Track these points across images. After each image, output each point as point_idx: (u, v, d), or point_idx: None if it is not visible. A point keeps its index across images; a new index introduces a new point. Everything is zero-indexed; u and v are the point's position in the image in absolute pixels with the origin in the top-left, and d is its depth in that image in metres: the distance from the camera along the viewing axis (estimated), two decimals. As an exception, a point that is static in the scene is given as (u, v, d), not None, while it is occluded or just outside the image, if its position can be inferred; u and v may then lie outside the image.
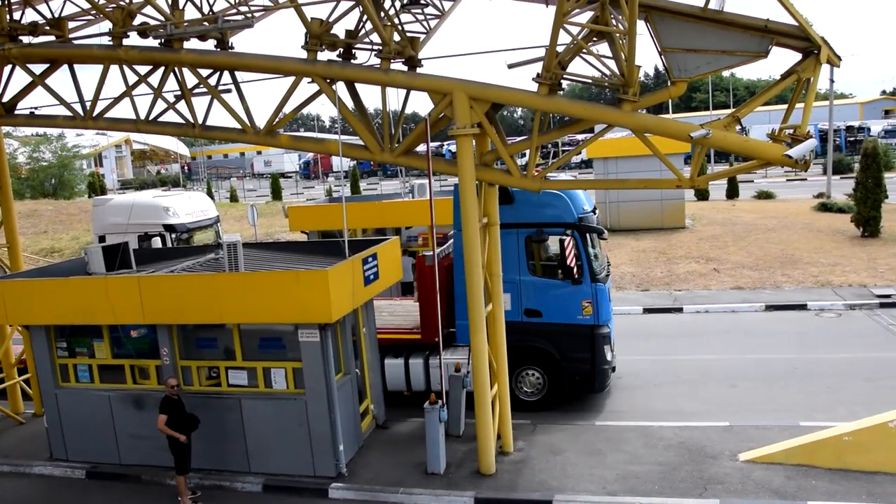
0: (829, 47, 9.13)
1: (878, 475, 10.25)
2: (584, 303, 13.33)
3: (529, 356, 13.61)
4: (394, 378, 13.97)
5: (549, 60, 9.50)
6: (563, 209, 13.31)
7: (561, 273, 13.42)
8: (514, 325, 13.16)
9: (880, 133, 70.59)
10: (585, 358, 13.40)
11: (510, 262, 13.11)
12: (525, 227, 13.23)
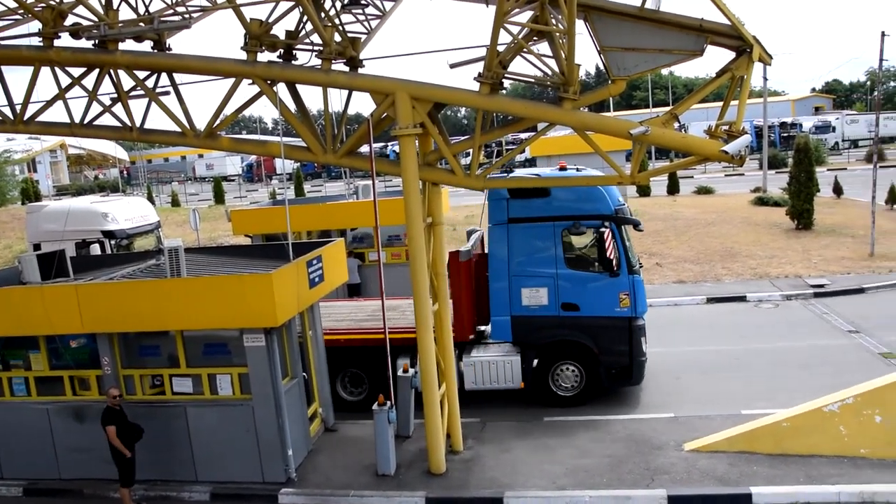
0: (761, 46, 9.39)
1: (815, 458, 10.60)
2: (622, 295, 13.24)
3: (566, 351, 13.53)
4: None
5: (490, 60, 9.56)
6: (600, 201, 13.27)
7: (598, 265, 13.34)
8: (551, 320, 13.33)
9: (811, 129, 72.88)
10: (623, 351, 13.34)
11: (546, 256, 13.25)
12: (561, 220, 13.22)
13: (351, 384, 14.36)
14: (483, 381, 13.52)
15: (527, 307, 13.39)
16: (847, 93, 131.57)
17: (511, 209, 13.39)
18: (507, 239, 13.39)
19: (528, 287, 13.35)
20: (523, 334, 13.50)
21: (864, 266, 22.51)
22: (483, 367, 13.47)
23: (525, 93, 79.92)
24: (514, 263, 13.40)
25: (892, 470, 10.23)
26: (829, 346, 15.78)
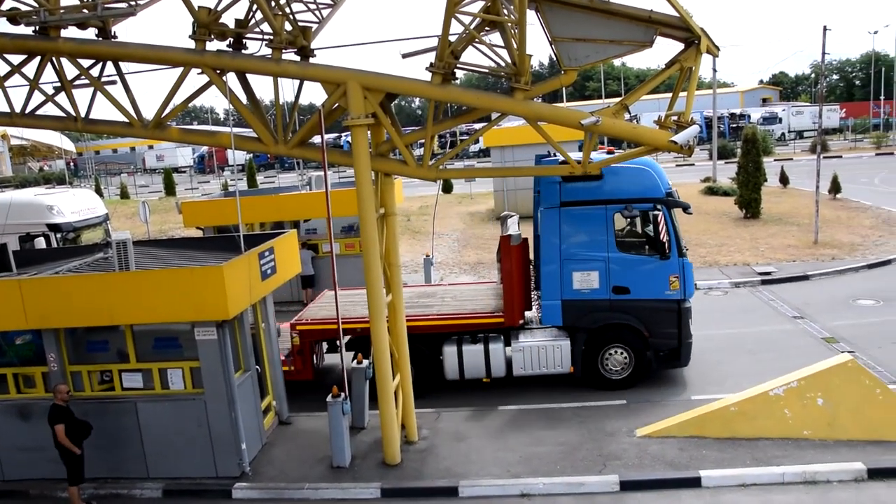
0: (709, 38, 9.55)
1: (761, 441, 10.90)
2: (672, 278, 13.34)
3: (616, 334, 13.56)
4: (472, 365, 13.59)
5: (442, 50, 9.55)
6: (651, 184, 13.32)
7: (649, 248, 13.51)
8: (602, 303, 13.38)
9: (759, 120, 74.44)
10: (672, 333, 13.45)
11: (598, 240, 13.23)
12: (613, 203, 13.19)
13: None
14: (532, 366, 13.49)
15: (578, 291, 13.40)
16: (793, 85, 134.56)
17: (563, 192, 13.29)
18: (559, 222, 13.35)
19: (579, 270, 13.36)
20: (574, 318, 13.51)
21: (809, 254, 23.11)
22: (533, 352, 13.44)
23: (479, 83, 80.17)
24: (565, 247, 13.37)
25: (832, 450, 10.57)
26: (776, 332, 16.18)
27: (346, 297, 15.14)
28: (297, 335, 13.95)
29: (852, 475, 10.06)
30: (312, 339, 14.15)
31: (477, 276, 23.03)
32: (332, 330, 13.55)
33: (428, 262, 21.36)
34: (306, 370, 14.13)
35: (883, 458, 10.30)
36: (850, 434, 10.83)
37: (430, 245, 23.46)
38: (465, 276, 23.18)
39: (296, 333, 13.96)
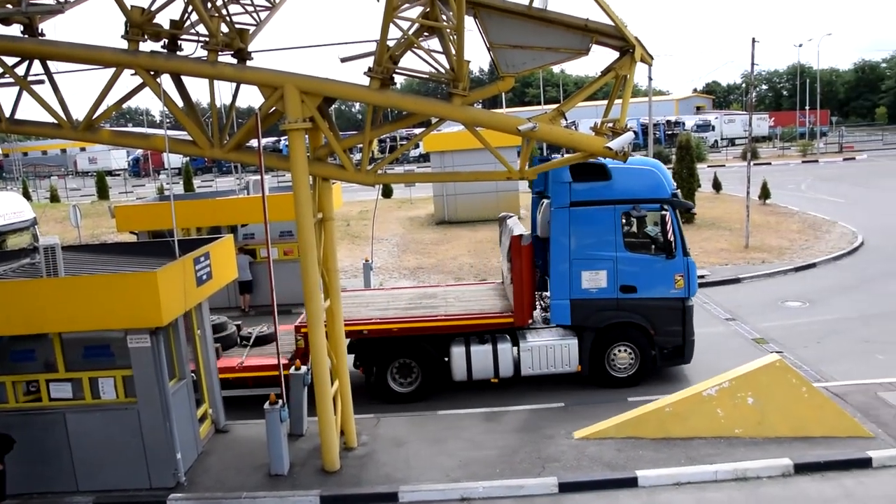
0: (643, 47, 9.77)
1: (695, 440, 11.16)
2: (677, 276, 13.64)
3: (622, 333, 13.76)
4: (481, 366, 13.59)
5: (381, 55, 9.53)
6: (658, 184, 13.62)
7: (655, 248, 13.76)
8: (610, 302, 13.60)
9: (693, 127, 76.45)
10: (677, 331, 13.76)
11: (606, 239, 13.45)
12: (621, 204, 13.41)
13: (400, 375, 14.03)
14: (540, 366, 13.64)
15: (586, 290, 13.59)
16: (725, 94, 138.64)
17: (573, 193, 13.46)
18: (569, 222, 13.48)
19: (588, 270, 13.55)
20: (582, 317, 13.66)
21: (740, 257, 23.80)
22: (541, 352, 13.58)
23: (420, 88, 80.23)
24: (574, 247, 13.53)
25: (761, 447, 10.91)
26: (709, 334, 16.57)
27: (349, 299, 15.13)
28: (302, 338, 13.52)
29: (780, 471, 10.41)
30: None
31: (417, 282, 23.02)
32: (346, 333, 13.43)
33: (367, 267, 21.26)
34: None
35: (808, 453, 10.69)
36: (778, 431, 11.19)
37: (369, 250, 23.35)
38: (406, 281, 23.14)
39: (301, 336, 13.55)
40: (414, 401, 13.74)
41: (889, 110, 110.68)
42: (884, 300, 18.99)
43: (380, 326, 13.64)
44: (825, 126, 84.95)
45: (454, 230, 31.40)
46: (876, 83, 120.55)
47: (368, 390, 14.10)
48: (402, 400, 13.81)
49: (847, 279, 21.47)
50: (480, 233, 30.33)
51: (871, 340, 15.95)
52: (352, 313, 13.98)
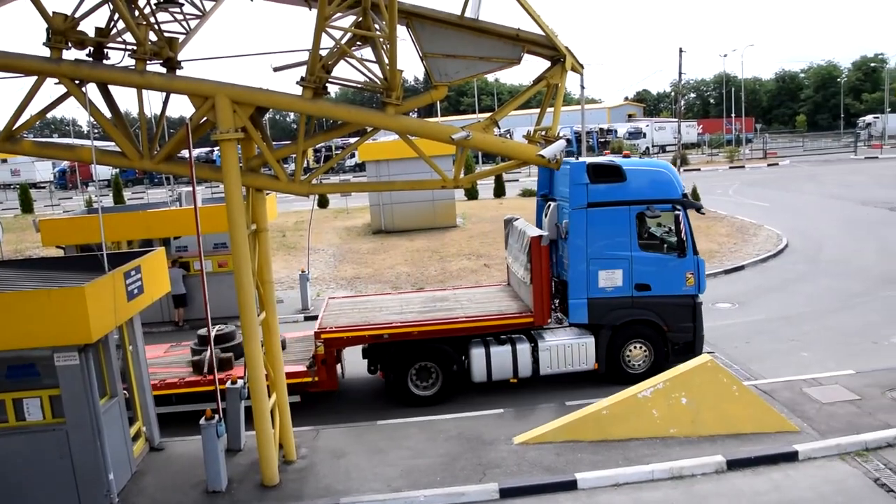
0: (573, 56, 9.95)
1: (632, 441, 11.38)
2: (688, 274, 14.12)
3: (637, 330, 14.15)
4: (500, 366, 13.76)
5: (313, 64, 9.48)
6: (670, 186, 14.13)
7: (668, 247, 14.22)
8: (625, 300, 14.01)
9: (625, 135, 78.20)
10: (689, 327, 14.21)
11: (622, 239, 13.86)
12: (635, 204, 13.85)
13: (418, 378, 14.02)
14: (559, 364, 13.89)
15: (603, 289, 13.98)
16: (656, 102, 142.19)
17: (591, 194, 13.81)
18: (587, 223, 13.83)
19: (605, 269, 13.93)
20: (598, 316, 14.03)
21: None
22: (559, 351, 13.86)
23: (355, 97, 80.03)
24: (592, 247, 13.90)
25: (696, 445, 11.19)
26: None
27: (359, 304, 15.45)
28: (322, 344, 13.53)
29: (714, 468, 10.69)
30: (339, 347, 13.98)
31: (354, 292, 22.90)
32: (359, 338, 13.72)
33: (304, 278, 21.11)
34: (331, 380, 13.71)
35: (740, 449, 11.01)
36: (711, 429, 11.49)
37: (305, 261, 23.14)
38: (342, 291, 22.99)
39: (321, 342, 13.54)
40: (434, 403, 13.80)
41: (808, 118, 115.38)
42: (806, 300, 19.74)
43: (401, 330, 13.72)
44: (750, 133, 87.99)
45: (391, 240, 31.36)
46: (796, 92, 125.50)
47: (388, 394, 14.23)
48: (423, 403, 13.85)
49: (773, 280, 22.23)
50: (417, 242, 30.36)
51: (795, 339, 16.54)
52: (367, 318, 14.20)
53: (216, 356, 13.16)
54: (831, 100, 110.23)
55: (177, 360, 14.47)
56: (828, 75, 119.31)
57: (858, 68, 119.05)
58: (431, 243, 29.94)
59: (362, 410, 13.61)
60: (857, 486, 10.19)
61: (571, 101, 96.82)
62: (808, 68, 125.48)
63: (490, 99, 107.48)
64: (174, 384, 13.39)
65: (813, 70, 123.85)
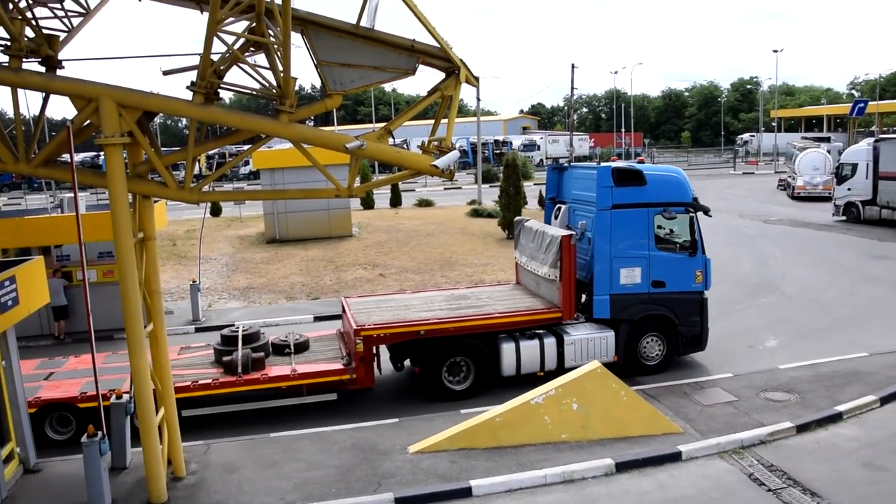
0: (468, 68, 10.07)
1: (525, 447, 11.60)
2: (697, 272, 15.22)
3: (653, 324, 15.09)
4: (529, 360, 14.33)
5: (204, 69, 9.24)
6: (684, 190, 15.28)
7: (680, 247, 15.19)
8: (643, 296, 14.97)
9: (520, 147, 79.80)
10: (697, 321, 15.34)
11: (641, 239, 14.80)
12: (654, 206, 14.85)
13: (450, 373, 14.30)
14: (582, 357, 14.40)
15: (623, 286, 14.88)
16: (550, 115, 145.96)
17: (615, 196, 14.72)
18: (611, 224, 14.71)
19: (626, 267, 14.83)
20: (619, 311, 14.89)
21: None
22: (583, 344, 14.55)
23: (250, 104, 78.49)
24: (615, 246, 14.78)
25: (586, 450, 11.51)
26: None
27: (382, 303, 15.72)
28: (361, 341, 13.57)
29: (603, 470, 11.02)
30: (376, 344, 14.09)
31: (247, 302, 22.40)
32: (398, 334, 14.00)
33: (195, 288, 20.49)
34: (368, 377, 13.85)
35: (628, 452, 11.40)
36: (601, 434, 11.85)
37: (197, 270, 22.47)
38: (235, 302, 22.45)
39: (360, 339, 13.59)
40: (467, 397, 14.09)
41: (692, 134, 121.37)
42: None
43: (439, 326, 14.06)
44: (639, 147, 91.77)
45: (286, 249, 30.86)
46: (681, 109, 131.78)
47: (420, 391, 14.49)
48: (457, 397, 14.11)
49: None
50: (312, 251, 29.99)
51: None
52: (399, 316, 14.54)
53: (249, 356, 13.43)
54: (713, 118, 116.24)
55: (199, 362, 14.25)
56: (710, 95, 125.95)
57: (736, 89, 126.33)
58: (327, 253, 29.64)
59: (255, 424, 13.25)
60: (734, 482, 10.76)
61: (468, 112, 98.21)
62: (692, 87, 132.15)
63: (387, 109, 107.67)
64: (209, 385, 13.13)
65: (696, 89, 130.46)
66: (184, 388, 12.74)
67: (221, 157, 62.00)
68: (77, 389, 12.94)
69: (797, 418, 12.56)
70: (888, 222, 33.09)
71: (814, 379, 14.48)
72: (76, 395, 12.81)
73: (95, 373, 10.34)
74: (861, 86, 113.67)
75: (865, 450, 11.64)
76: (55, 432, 12.94)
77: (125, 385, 12.47)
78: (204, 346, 15.17)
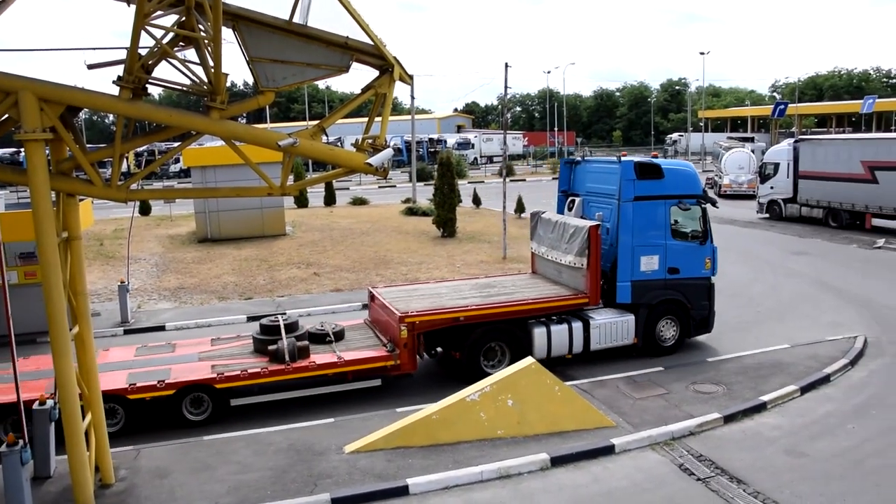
0: (401, 66, 10.06)
1: (462, 444, 11.65)
2: (707, 259, 16.41)
3: (668, 308, 16.16)
4: (559, 343, 15.21)
5: (131, 63, 8.98)
6: (695, 182, 16.50)
7: (691, 235, 16.23)
8: (660, 282, 16.00)
9: (454, 145, 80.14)
10: (706, 304, 16.54)
11: (659, 229, 15.83)
12: (670, 199, 15.87)
13: (486, 358, 15.05)
14: (606, 340, 15.60)
15: (644, 272, 15.86)
16: (484, 114, 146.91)
17: (637, 188, 15.68)
18: (633, 214, 15.64)
19: (646, 255, 15.84)
20: (639, 296, 15.86)
21: (499, 268, 25.22)
22: (607, 328, 15.58)
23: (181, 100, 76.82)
24: (636, 235, 15.73)
25: (522, 445, 11.64)
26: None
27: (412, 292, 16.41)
28: (405, 328, 14.13)
29: (539, 465, 11.16)
30: (422, 330, 14.58)
31: (178, 303, 21.90)
32: (443, 320, 14.63)
33: (123, 288, 19.93)
34: (411, 363, 14.41)
35: (563, 446, 11.58)
36: (536, 429, 12.00)
37: (125, 271, 21.85)
38: (166, 303, 21.92)
39: (405, 326, 14.14)
40: None
41: (623, 133, 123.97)
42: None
43: (476, 312, 14.78)
44: (572, 146, 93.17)
45: (218, 248, 30.27)
46: (612, 109, 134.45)
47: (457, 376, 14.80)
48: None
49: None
50: (245, 250, 29.51)
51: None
52: (435, 304, 15.21)
53: (294, 344, 13.79)
54: (643, 117, 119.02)
55: (238, 352, 14.58)
56: (640, 95, 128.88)
57: (666, 90, 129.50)
58: (260, 252, 29.20)
59: (187, 429, 12.97)
60: (665, 473, 11.05)
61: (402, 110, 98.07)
62: (623, 88, 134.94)
63: (321, 106, 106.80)
64: (258, 374, 13.44)
65: (627, 90, 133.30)
66: (234, 378, 13.21)
67: (151, 155, 60.45)
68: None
69: (724, 409, 12.97)
70: (808, 219, 34.47)
71: (740, 371, 14.98)
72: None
73: (16, 378, 9.96)
74: (782, 88, 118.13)
75: (787, 437, 12.11)
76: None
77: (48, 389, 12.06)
78: (234, 337, 15.63)
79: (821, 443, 11.93)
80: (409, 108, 48.79)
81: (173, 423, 13.05)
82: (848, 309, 19.96)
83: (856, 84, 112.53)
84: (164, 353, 14.68)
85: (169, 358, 14.33)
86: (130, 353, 14.82)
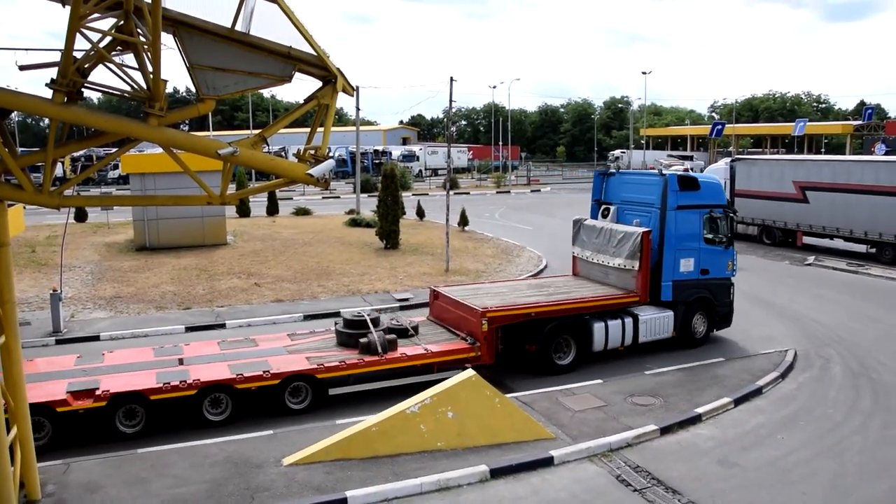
0: (345, 78, 10.03)
1: (402, 456, 11.63)
2: (729, 262, 18.69)
3: (699, 305, 18.21)
4: (614, 337, 16.81)
5: (66, 66, 8.75)
6: (722, 194, 19.09)
7: (718, 240, 18.34)
8: (694, 282, 18.04)
9: (399, 157, 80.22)
10: (728, 302, 18.76)
11: (695, 235, 17.97)
12: (704, 208, 18.14)
13: (555, 351, 16.30)
14: (652, 334, 17.38)
15: (682, 273, 17.91)
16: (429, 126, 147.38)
17: (679, 199, 17.77)
18: (675, 222, 17.65)
19: (684, 258, 17.84)
20: (678, 294, 17.82)
21: (441, 280, 25.23)
22: (653, 323, 17.41)
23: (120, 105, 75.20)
24: (677, 240, 17.76)
25: (462, 457, 11.68)
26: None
27: (475, 291, 17.73)
28: (486, 322, 15.32)
29: (478, 477, 11.21)
30: (500, 325, 15.76)
31: (114, 312, 21.34)
32: (518, 315, 15.89)
33: (56, 297, 19.33)
34: (490, 354, 15.59)
35: (502, 458, 11.66)
36: (476, 441, 12.05)
37: (58, 279, 21.21)
38: (101, 312, 21.33)
39: (486, 321, 15.33)
40: (569, 371, 16.22)
41: (567, 149, 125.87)
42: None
43: (546, 308, 16.26)
44: (516, 161, 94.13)
45: (156, 257, 29.62)
46: (556, 125, 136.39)
47: (528, 368, 16.31)
48: (563, 371, 16.21)
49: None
50: (185, 259, 28.94)
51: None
52: (503, 300, 16.58)
53: (384, 337, 14.78)
54: (587, 134, 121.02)
55: (322, 346, 15.43)
56: (584, 112, 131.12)
57: (609, 107, 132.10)
58: (200, 261, 28.66)
59: (120, 441, 12.63)
60: (603, 484, 11.22)
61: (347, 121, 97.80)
62: (567, 104, 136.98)
63: (265, 115, 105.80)
64: (356, 364, 14.35)
65: (571, 106, 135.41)
66: (334, 368, 14.10)
67: (88, 160, 58.91)
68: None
69: (661, 421, 13.24)
70: (743, 236, 35.43)
71: (677, 383, 15.32)
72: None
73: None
74: (720, 109, 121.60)
75: (721, 448, 12.43)
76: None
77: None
78: (309, 332, 16.61)
79: (752, 453, 12.27)
80: (355, 119, 48.68)
81: (106, 436, 12.67)
82: (779, 323, 20.64)
83: (789, 107, 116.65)
84: (249, 347, 15.39)
85: (257, 351, 15.03)
86: (214, 347, 15.52)
